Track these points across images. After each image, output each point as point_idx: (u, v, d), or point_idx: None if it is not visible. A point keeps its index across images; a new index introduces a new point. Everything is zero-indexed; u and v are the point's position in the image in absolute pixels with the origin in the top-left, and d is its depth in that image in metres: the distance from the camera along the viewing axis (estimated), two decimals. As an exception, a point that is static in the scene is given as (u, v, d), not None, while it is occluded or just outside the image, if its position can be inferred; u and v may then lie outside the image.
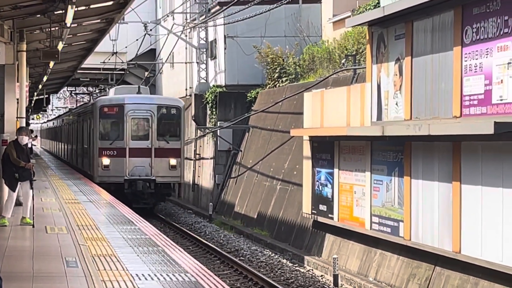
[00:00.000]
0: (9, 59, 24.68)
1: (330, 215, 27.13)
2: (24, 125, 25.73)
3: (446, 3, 19.94)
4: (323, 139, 27.78)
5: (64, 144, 72.35)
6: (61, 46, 30.73)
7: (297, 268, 26.96)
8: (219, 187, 48.06)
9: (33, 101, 59.81)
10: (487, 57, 18.43)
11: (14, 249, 15.77)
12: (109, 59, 56.47)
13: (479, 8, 18.81)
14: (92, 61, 50.13)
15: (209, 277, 13.28)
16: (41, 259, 14.72)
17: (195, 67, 53.84)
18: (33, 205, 20.52)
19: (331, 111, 26.90)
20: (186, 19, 55.42)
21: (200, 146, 52.70)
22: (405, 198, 22.02)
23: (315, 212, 28.35)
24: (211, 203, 44.61)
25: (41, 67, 40.55)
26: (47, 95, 73.87)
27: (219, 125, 46.84)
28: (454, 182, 19.64)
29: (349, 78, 30.52)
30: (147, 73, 59.22)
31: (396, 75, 22.74)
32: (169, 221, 44.46)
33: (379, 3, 33.35)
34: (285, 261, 28.48)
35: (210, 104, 49.10)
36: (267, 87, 43.69)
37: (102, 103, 35.64)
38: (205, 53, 51.53)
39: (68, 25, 24.70)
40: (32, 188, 20.52)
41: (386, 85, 23.36)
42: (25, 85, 30.64)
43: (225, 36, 48.67)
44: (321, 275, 25.23)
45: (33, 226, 19.27)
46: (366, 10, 31.38)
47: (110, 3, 24.91)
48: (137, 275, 13.21)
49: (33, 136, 32.01)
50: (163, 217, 45.75)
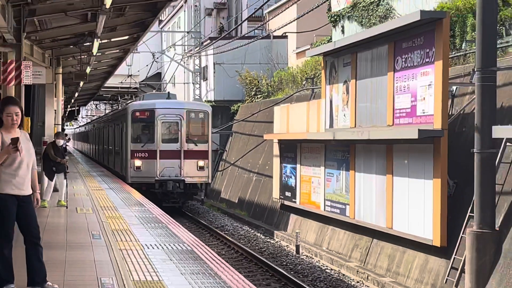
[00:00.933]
0: (49, 79, 24.66)
1: (293, 200, 27.16)
2: (60, 130, 25.68)
3: (382, 39, 20.00)
4: (289, 142, 27.85)
5: (92, 145, 64.40)
6: (88, 70, 30.90)
7: (268, 240, 26.95)
8: (209, 178, 44.34)
9: (67, 112, 59.47)
10: (413, 80, 18.49)
11: (52, 225, 15.74)
12: (125, 80, 56.19)
13: (407, 43, 18.87)
14: (112, 81, 49.89)
15: (201, 246, 13.28)
16: (72, 233, 14.71)
17: (191, 86, 53.90)
18: (67, 191, 20.60)
19: (295, 120, 27.01)
20: (184, 50, 55.32)
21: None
22: (350, 186, 22.06)
23: (282, 197, 28.42)
24: (203, 191, 39.20)
25: (73, 86, 40.37)
26: (77, 107, 73.48)
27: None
28: (387, 175, 19.70)
29: (308, 95, 30.66)
30: (154, 91, 58.70)
31: (344, 93, 22.77)
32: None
33: (331, 38, 33.44)
34: (259, 234, 28.47)
35: (203, 115, 46.48)
36: (246, 102, 43.48)
37: (134, 108, 31.03)
38: (198, 76, 51.44)
39: (94, 54, 24.70)
40: (66, 178, 20.58)
41: (336, 101, 23.39)
42: (61, 100, 30.75)
43: (214, 63, 48.75)
44: (286, 245, 25.23)
45: (67, 207, 19.25)
46: (321, 44, 31.50)
47: (126, 37, 24.94)
48: (146, 245, 13.21)
49: (66, 138, 30.62)
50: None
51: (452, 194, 17.41)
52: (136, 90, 53.91)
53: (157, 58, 53.24)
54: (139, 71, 60.98)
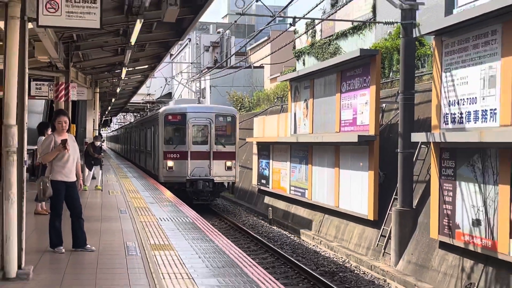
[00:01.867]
0: (89, 97, 24.53)
1: (267, 186, 27.13)
2: (97, 134, 25.62)
3: (332, 69, 20.04)
4: (264, 143, 27.78)
5: (122, 145, 60.78)
6: (118, 90, 30.67)
7: (248, 215, 26.94)
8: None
9: (102, 120, 59.07)
10: (354, 99, 18.55)
11: (90, 203, 15.70)
12: (145, 97, 55.85)
13: (350, 72, 18.94)
14: (135, 98, 49.56)
15: (200, 219, 13.29)
16: (106, 209, 14.69)
17: (193, 102, 53.94)
18: (102, 179, 20.55)
19: (269, 128, 27.13)
20: (188, 76, 55.24)
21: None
22: (308, 176, 22.11)
23: (259, 184, 28.34)
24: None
25: (107, 101, 40.12)
26: (110, 117, 73.03)
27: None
28: (335, 168, 19.75)
29: (278, 110, 30.72)
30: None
31: (304, 108, 22.80)
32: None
33: (295, 68, 33.55)
34: (242, 210, 28.50)
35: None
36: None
37: (167, 112, 26.45)
38: (199, 95, 51.43)
39: (122, 78, 24.61)
40: (101, 169, 20.57)
41: (299, 114, 23.42)
42: (98, 112, 30.47)
43: (210, 86, 48.97)
44: (262, 219, 25.23)
45: (102, 190, 19.20)
46: (288, 72, 31.50)
47: (146, 66, 24.84)
48: (159, 218, 13.21)
49: (102, 140, 29.93)
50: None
51: (382, 182, 17.50)
52: (153, 104, 53.44)
53: (169, 81, 53.01)
54: (155, 91, 60.92)
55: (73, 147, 9.38)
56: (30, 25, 8.09)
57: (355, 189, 18.40)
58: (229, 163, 25.76)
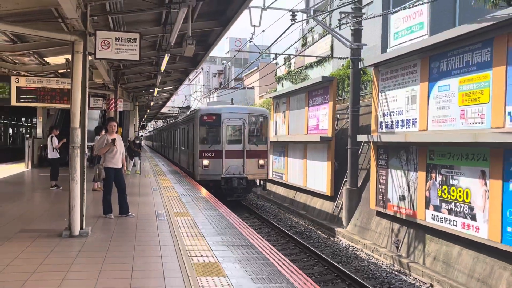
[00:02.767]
0: (131, 108, 24.42)
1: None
2: (137, 135, 25.50)
3: (302, 90, 20.06)
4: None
5: (157, 142, 53.83)
6: (151, 103, 30.48)
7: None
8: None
9: (141, 125, 58.93)
10: (318, 111, 18.59)
11: (132, 183, 15.64)
12: (170, 109, 55.65)
13: (315, 92, 18.96)
14: (163, 110, 49.51)
15: (209, 195, 13.23)
16: (142, 187, 14.64)
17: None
18: (140, 166, 20.42)
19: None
20: (201, 94, 55.17)
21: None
22: (285, 165, 22.11)
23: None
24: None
25: (143, 111, 40.07)
26: (146, 122, 72.77)
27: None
28: (304, 159, 19.78)
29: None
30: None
31: (283, 117, 22.78)
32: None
33: (277, 89, 33.52)
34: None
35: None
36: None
37: (202, 113, 21.05)
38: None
39: (154, 95, 24.51)
40: (140, 159, 20.41)
41: (279, 121, 23.39)
42: (137, 119, 30.34)
43: (216, 101, 48.85)
44: (252, 194, 25.09)
45: (140, 174, 19.09)
46: (271, 92, 31.46)
47: (171, 87, 24.76)
48: (180, 193, 13.18)
49: (140, 139, 28.91)
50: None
51: (337, 169, 17.54)
52: (177, 113, 53.15)
53: (186, 98, 52.95)
54: (178, 104, 60.75)
55: (120, 144, 9.38)
56: (89, 58, 8.09)
57: (318, 174, 18.45)
58: (261, 161, 19.93)
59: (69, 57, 7.79)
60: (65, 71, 13.20)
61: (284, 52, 20.31)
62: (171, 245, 7.05)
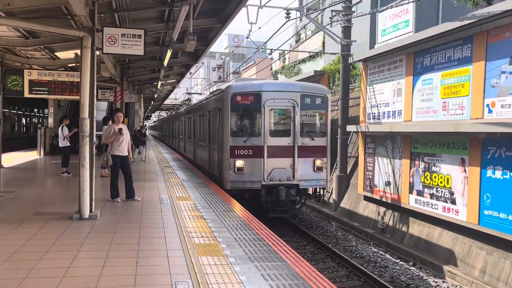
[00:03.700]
0: (136, 100, 24.27)
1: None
2: (142, 125, 25.40)
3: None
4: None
5: (162, 132, 48.30)
6: (155, 96, 30.38)
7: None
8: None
9: (145, 115, 58.68)
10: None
11: (137, 170, 15.63)
12: (173, 101, 55.32)
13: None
14: (166, 102, 49.17)
15: (209, 180, 13.24)
16: (147, 173, 14.63)
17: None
18: (145, 153, 20.40)
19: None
20: (202, 87, 54.96)
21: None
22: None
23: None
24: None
25: (148, 103, 39.92)
26: (150, 113, 72.55)
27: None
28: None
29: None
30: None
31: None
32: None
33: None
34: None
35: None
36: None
37: (235, 91, 11.53)
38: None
39: (158, 88, 24.41)
40: (145, 147, 20.39)
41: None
42: (142, 110, 30.24)
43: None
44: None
45: (145, 161, 19.08)
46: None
47: (174, 80, 24.66)
48: (182, 179, 13.17)
49: (145, 129, 28.45)
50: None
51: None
52: (179, 105, 52.82)
53: (188, 91, 52.74)
54: (179, 98, 60.57)
55: (126, 133, 9.36)
56: (97, 52, 8.05)
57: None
58: (319, 162, 12.43)
59: (78, 52, 7.76)
60: (75, 65, 13.13)
61: (279, 47, 20.25)
62: (174, 227, 7.07)
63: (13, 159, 18.77)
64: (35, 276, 4.84)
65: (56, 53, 12.97)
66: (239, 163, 11.78)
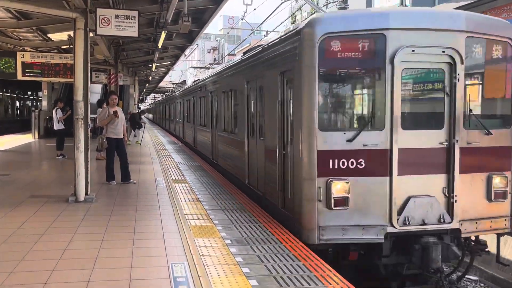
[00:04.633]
0: (131, 82, 24.14)
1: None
2: (137, 107, 25.26)
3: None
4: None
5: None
6: (150, 78, 30.22)
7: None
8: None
9: (140, 98, 58.22)
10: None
11: (132, 153, 15.57)
12: (168, 84, 54.86)
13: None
14: (161, 84, 48.75)
15: (205, 163, 13.28)
16: (142, 156, 14.60)
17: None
18: (142, 136, 20.30)
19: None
20: (196, 70, 54.72)
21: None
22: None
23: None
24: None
25: (142, 86, 39.65)
26: (145, 96, 72.14)
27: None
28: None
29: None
30: (182, 89, 56.47)
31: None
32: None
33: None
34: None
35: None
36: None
37: (328, 30, 3.80)
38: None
39: (153, 70, 24.25)
40: (141, 130, 20.29)
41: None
42: (137, 92, 30.05)
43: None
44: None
45: (140, 144, 19.02)
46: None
47: (168, 62, 24.51)
48: (178, 162, 13.17)
49: (140, 111, 27.85)
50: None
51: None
52: (173, 88, 52.48)
53: (183, 72, 52.43)
54: (173, 80, 60.24)
55: (120, 116, 9.31)
56: (91, 34, 7.95)
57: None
58: (499, 181, 5.27)
59: (71, 33, 7.67)
60: (68, 47, 12.99)
61: (274, 29, 20.08)
62: (170, 209, 7.09)
63: (8, 142, 18.69)
64: (32, 258, 4.86)
65: (49, 35, 12.81)
66: (339, 187, 5.20)
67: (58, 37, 12.95)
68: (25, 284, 4.15)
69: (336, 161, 5.08)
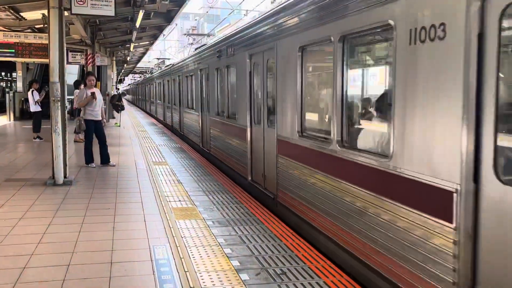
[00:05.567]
0: (109, 63, 23.63)
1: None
2: (115, 88, 24.80)
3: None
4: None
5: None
6: (128, 58, 29.67)
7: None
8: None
9: (118, 79, 57.20)
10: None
11: (111, 134, 15.40)
12: (147, 64, 53.93)
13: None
14: (140, 65, 47.94)
15: (185, 145, 13.20)
16: (121, 138, 14.44)
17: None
18: (120, 119, 19.97)
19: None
20: (176, 49, 53.86)
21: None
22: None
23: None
24: None
25: (121, 66, 38.97)
26: (123, 77, 70.98)
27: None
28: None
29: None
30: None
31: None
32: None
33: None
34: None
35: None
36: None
37: None
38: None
39: (131, 50, 23.81)
40: (119, 112, 19.96)
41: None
42: (115, 73, 29.51)
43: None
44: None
45: (119, 126, 18.76)
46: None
47: (147, 42, 24.08)
48: (158, 144, 13.09)
49: (124, 93, 26.78)
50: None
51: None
52: (152, 68, 51.44)
53: (161, 53, 51.59)
54: (153, 60, 59.19)
55: (98, 98, 9.15)
56: (66, 13, 7.72)
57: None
58: None
59: (45, 12, 7.42)
60: (42, 26, 12.62)
61: (254, 9, 19.86)
62: (151, 191, 7.04)
63: (-18, 124, 18.23)
64: (10, 242, 4.78)
65: (21, 14, 12.40)
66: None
67: (31, 16, 12.56)
68: (3, 269, 4.08)
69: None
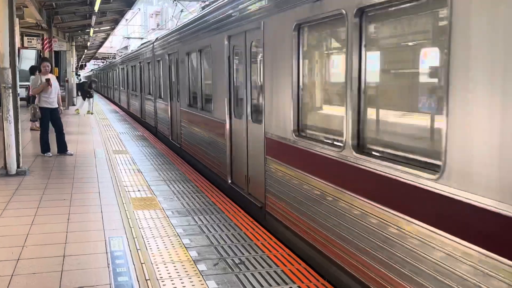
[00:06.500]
0: (68, 48, 22.91)
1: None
2: (76, 74, 24.03)
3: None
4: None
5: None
6: (89, 43, 28.84)
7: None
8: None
9: (79, 65, 55.58)
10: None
11: (70, 122, 15.01)
12: (109, 50, 52.59)
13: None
14: (101, 50, 46.64)
15: (147, 132, 12.98)
16: (81, 126, 14.06)
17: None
18: (92, 106, 19.05)
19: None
20: (139, 34, 52.64)
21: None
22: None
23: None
24: None
25: (81, 52, 37.84)
26: (84, 63, 69.01)
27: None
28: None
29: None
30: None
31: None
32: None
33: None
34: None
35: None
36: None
37: None
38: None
39: (91, 35, 23.14)
40: (84, 99, 19.35)
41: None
42: (75, 59, 28.61)
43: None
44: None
45: (92, 114, 17.96)
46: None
47: (108, 27, 23.45)
48: (119, 132, 12.82)
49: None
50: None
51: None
52: (114, 54, 50.04)
53: (124, 38, 50.32)
54: (115, 45, 57.68)
55: (54, 84, 8.85)
56: (16, -5, 7.37)
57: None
58: None
59: (-6, -7, 7.04)
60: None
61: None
62: (109, 181, 6.87)
63: None
64: (-44, 237, 4.55)
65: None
66: None
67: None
68: None
69: None
